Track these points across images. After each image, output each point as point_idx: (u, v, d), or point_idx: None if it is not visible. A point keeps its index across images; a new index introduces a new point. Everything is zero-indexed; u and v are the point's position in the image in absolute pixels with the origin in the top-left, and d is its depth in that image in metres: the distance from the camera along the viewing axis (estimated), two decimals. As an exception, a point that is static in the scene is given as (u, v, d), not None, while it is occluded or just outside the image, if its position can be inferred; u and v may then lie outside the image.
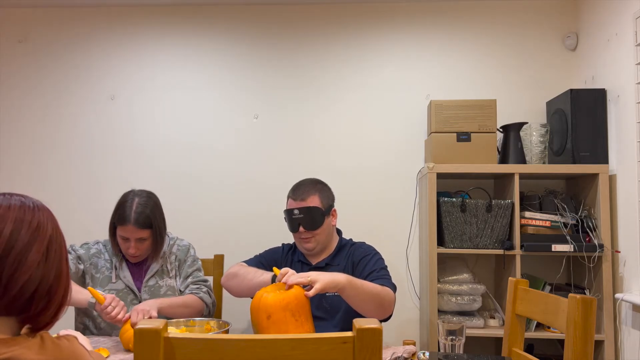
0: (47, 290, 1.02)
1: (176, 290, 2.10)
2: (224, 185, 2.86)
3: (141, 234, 1.97)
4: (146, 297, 2.03)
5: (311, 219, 1.98)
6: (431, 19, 2.86)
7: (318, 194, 2.03)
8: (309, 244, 2.02)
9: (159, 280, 2.07)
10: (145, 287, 2.04)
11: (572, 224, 2.39)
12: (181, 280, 2.13)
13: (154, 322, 0.89)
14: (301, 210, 1.98)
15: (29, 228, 1.01)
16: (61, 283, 1.05)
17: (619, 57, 2.33)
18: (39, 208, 1.06)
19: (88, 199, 2.89)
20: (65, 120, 2.94)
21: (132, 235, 1.96)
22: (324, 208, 2.02)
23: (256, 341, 0.89)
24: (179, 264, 2.14)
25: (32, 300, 1.00)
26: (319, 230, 1.99)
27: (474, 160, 2.46)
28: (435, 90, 2.82)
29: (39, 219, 1.04)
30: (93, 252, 2.08)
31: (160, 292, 2.05)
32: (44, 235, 1.03)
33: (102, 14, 2.96)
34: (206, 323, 1.81)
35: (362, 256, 2.01)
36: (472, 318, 2.43)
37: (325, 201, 2.05)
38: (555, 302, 1.47)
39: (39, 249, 1.01)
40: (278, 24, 2.92)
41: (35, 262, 1.00)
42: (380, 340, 0.86)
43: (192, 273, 2.14)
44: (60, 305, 1.06)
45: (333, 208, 2.09)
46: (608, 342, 2.27)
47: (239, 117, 2.89)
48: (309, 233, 1.99)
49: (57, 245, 1.06)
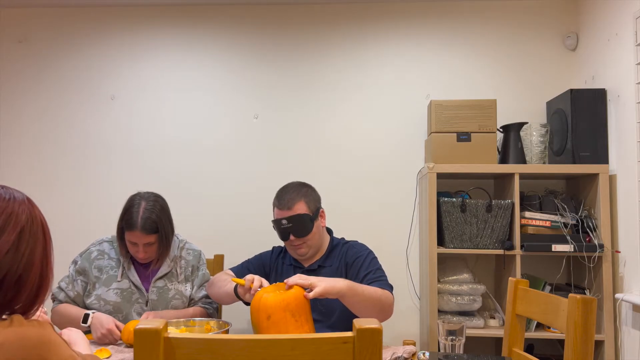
0: (16, 279, 1.03)
1: (184, 296, 2.08)
2: (223, 185, 2.86)
3: (148, 239, 1.97)
4: (154, 297, 2.02)
5: (301, 227, 1.95)
6: (431, 19, 2.86)
7: (304, 199, 1.99)
8: (301, 250, 2.00)
9: (167, 283, 2.06)
10: (154, 288, 2.03)
11: (572, 224, 2.39)
12: (195, 288, 2.12)
13: (154, 322, 0.89)
14: (289, 220, 1.95)
15: (0, 216, 1.03)
16: (32, 274, 1.06)
17: (619, 57, 2.33)
18: (15, 199, 1.08)
19: (88, 199, 2.89)
20: (65, 120, 2.94)
21: (140, 241, 1.96)
22: (311, 213, 1.98)
23: (256, 341, 0.89)
24: (191, 270, 2.13)
25: (0, 288, 1.01)
26: (309, 236, 1.97)
27: (474, 160, 2.46)
28: (435, 90, 2.82)
29: (13, 209, 1.05)
30: (95, 255, 2.06)
31: (169, 295, 2.04)
32: (15, 225, 1.04)
33: (102, 14, 2.96)
34: (206, 323, 1.81)
35: (356, 257, 1.98)
36: (472, 318, 2.43)
37: (312, 205, 2.01)
38: (555, 302, 1.47)
39: (8, 239, 1.03)
40: (278, 24, 2.92)
41: (2, 250, 1.01)
42: (380, 340, 0.86)
43: (204, 284, 2.14)
44: (35, 297, 1.07)
45: (320, 210, 2.05)
46: (608, 342, 2.27)
47: (239, 117, 2.89)
48: (300, 240, 1.97)
49: (32, 236, 1.07)
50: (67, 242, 2.32)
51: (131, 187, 2.88)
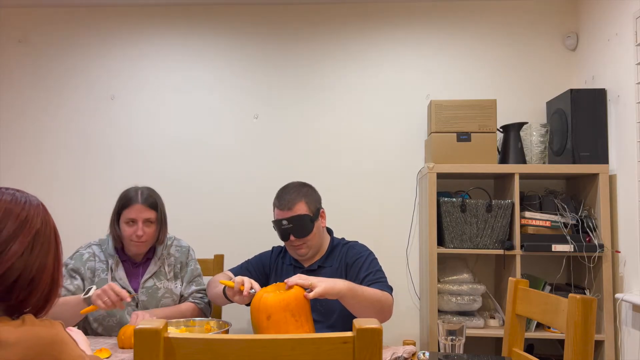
0: (29, 281, 1.05)
1: (174, 294, 2.08)
2: (223, 185, 2.86)
3: (149, 214, 2.00)
4: (144, 298, 2.02)
5: (301, 227, 1.95)
6: (431, 19, 2.86)
7: (304, 199, 1.99)
8: (301, 250, 1.99)
9: (156, 282, 2.06)
10: (143, 289, 2.03)
11: (572, 224, 2.39)
12: (184, 284, 2.12)
13: (154, 322, 0.89)
14: (290, 220, 1.94)
15: (16, 220, 1.06)
16: (44, 276, 1.08)
17: (619, 57, 2.33)
18: (31, 203, 1.10)
19: (88, 199, 2.89)
20: (65, 120, 2.94)
21: (140, 215, 1.98)
22: (312, 213, 1.98)
23: (256, 341, 0.89)
24: (180, 267, 2.13)
25: (12, 289, 1.03)
26: (309, 236, 1.97)
27: (474, 160, 2.46)
28: (435, 90, 2.82)
29: (28, 212, 1.08)
30: (86, 257, 2.04)
31: (158, 294, 2.04)
32: (30, 228, 1.07)
33: (102, 14, 2.96)
34: (206, 323, 1.80)
35: (356, 258, 1.98)
36: (472, 318, 2.43)
37: (313, 205, 2.01)
38: (555, 302, 1.46)
39: (23, 241, 1.05)
40: (278, 24, 2.92)
41: (18, 252, 1.03)
42: (380, 340, 0.86)
43: (195, 279, 2.14)
44: (47, 299, 1.09)
45: (321, 210, 2.05)
46: (608, 342, 2.27)
47: (239, 117, 2.89)
48: (300, 240, 1.97)
49: (45, 240, 1.10)
50: (66, 242, 2.29)
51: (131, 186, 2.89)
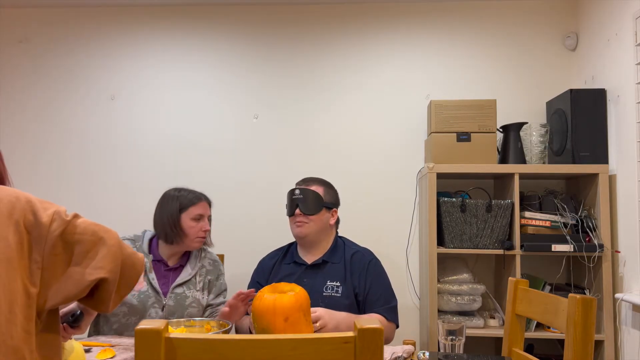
0: None
1: (200, 305, 2.06)
2: (224, 185, 2.86)
3: (210, 211, 2.11)
4: (171, 303, 1.99)
5: (310, 202, 2.02)
6: (431, 19, 2.86)
7: (323, 186, 2.10)
8: (301, 229, 2.03)
9: (186, 290, 2.04)
10: (172, 294, 2.01)
11: (572, 224, 2.39)
12: (212, 296, 2.11)
13: (155, 322, 0.89)
14: (302, 191, 2.03)
15: None
16: None
17: (619, 57, 2.33)
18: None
19: (88, 198, 2.89)
20: (65, 120, 2.94)
21: (206, 212, 2.09)
22: (324, 199, 2.05)
23: (257, 341, 0.89)
24: (209, 281, 2.11)
25: None
26: (314, 217, 2.01)
27: (474, 160, 2.46)
28: (435, 90, 2.82)
29: None
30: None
31: (186, 302, 2.02)
32: None
33: (102, 14, 2.96)
34: (206, 323, 1.80)
35: (373, 276, 2.02)
36: (472, 318, 2.43)
37: (328, 196, 2.08)
38: (555, 302, 1.47)
39: None
40: (278, 24, 2.92)
41: None
42: (381, 340, 0.86)
43: (222, 293, 2.15)
44: None
45: (334, 209, 2.11)
46: (608, 342, 2.27)
47: (239, 117, 2.89)
48: (304, 217, 2.01)
49: None
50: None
51: (131, 186, 2.89)
